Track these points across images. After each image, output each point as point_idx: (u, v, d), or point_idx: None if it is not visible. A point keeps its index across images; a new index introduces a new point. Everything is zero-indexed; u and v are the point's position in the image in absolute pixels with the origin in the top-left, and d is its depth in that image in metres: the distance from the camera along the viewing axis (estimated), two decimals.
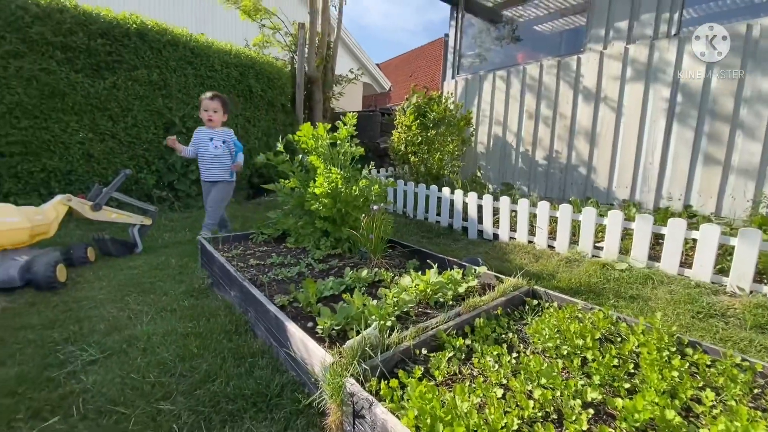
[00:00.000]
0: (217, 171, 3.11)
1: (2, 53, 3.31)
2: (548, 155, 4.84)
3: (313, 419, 1.25)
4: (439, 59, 14.70)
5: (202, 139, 3.08)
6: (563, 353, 1.38)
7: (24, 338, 1.64)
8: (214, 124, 3.08)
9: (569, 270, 2.80)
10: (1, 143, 3.38)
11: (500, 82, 5.31)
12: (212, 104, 3.03)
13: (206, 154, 3.08)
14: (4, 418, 1.20)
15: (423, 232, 3.90)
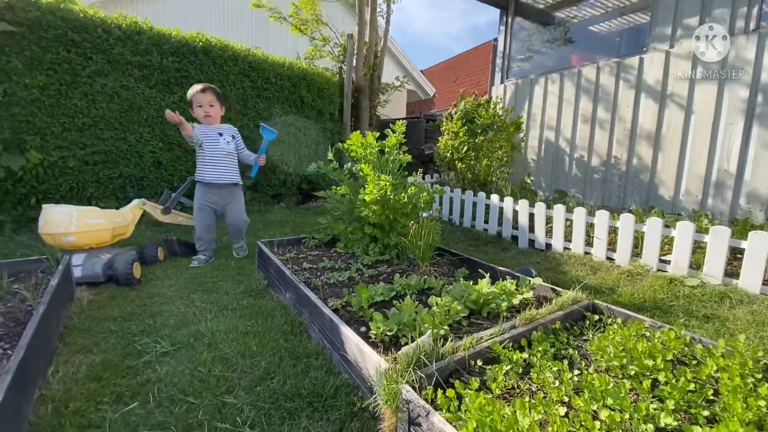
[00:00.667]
0: (232, 171, 2.82)
1: (90, 72, 3.72)
2: (605, 161, 4.58)
3: (368, 423, 1.27)
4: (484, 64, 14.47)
5: (208, 134, 2.73)
6: (630, 373, 1.29)
7: (107, 329, 1.82)
8: (213, 119, 2.72)
9: (631, 284, 2.62)
10: (87, 153, 3.78)
11: (553, 86, 5.12)
12: (206, 97, 2.67)
13: (217, 150, 2.73)
14: (92, 400, 1.33)
15: (470, 240, 3.83)
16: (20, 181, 3.42)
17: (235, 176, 2.84)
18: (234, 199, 2.88)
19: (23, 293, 1.75)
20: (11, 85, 3.30)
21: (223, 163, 2.76)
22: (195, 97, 2.67)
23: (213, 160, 2.73)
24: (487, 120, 4.73)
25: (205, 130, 2.71)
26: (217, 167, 2.75)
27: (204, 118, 2.68)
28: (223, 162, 2.76)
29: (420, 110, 14.83)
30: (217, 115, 2.74)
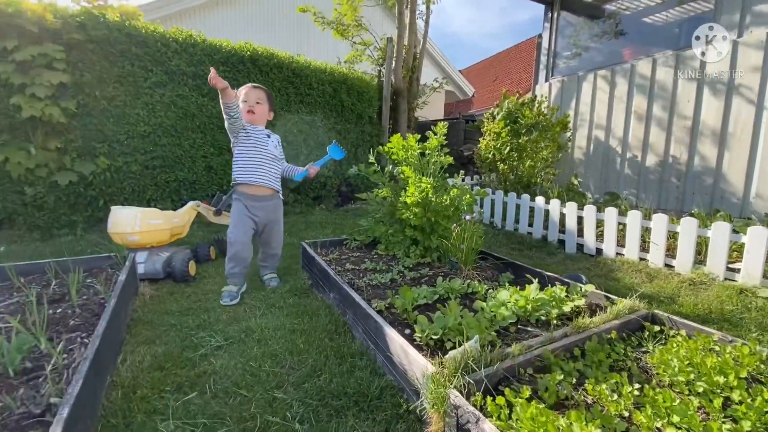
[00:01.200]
0: (276, 181, 2.44)
1: (150, 84, 4.01)
2: (662, 161, 4.28)
3: (413, 425, 1.27)
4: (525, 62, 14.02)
5: (254, 133, 2.34)
6: (698, 390, 1.20)
7: (167, 322, 1.95)
8: (256, 118, 2.35)
9: (694, 294, 2.42)
10: (147, 158, 4.07)
11: (603, 82, 4.86)
12: (255, 93, 2.35)
13: (264, 152, 2.35)
14: (156, 388, 1.43)
15: (513, 244, 3.72)
16: (90, 184, 3.75)
17: (278, 186, 2.46)
18: (278, 216, 2.49)
19: (96, 287, 1.92)
20: (84, 98, 3.63)
21: (271, 168, 2.38)
22: (243, 92, 2.35)
23: (259, 161, 2.32)
24: (531, 120, 4.58)
25: (251, 129, 2.33)
26: (263, 168, 2.34)
27: (247, 113, 2.30)
28: (270, 166, 2.37)
29: (458, 111, 14.63)
30: (262, 116, 2.37)
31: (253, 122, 2.36)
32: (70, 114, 3.54)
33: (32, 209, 3.53)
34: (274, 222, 2.47)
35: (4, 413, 1.04)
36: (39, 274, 2.10)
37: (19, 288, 1.89)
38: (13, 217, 3.51)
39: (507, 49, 16.39)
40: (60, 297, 1.80)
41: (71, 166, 3.59)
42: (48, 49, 3.33)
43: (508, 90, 5.11)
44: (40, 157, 3.41)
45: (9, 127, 3.33)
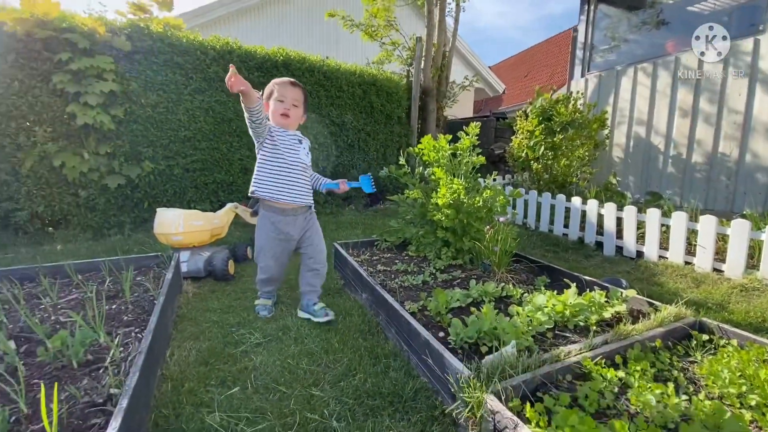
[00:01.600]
0: (309, 194, 2.06)
1: (191, 90, 4.20)
2: (710, 158, 4.04)
3: (449, 428, 1.27)
4: (558, 56, 13.57)
5: (286, 139, 1.97)
6: (750, 403, 1.14)
7: (209, 319, 2.05)
8: (290, 122, 1.99)
9: (746, 301, 2.28)
10: (188, 161, 4.27)
11: (644, 76, 4.64)
12: (293, 92, 1.96)
13: (296, 161, 1.98)
14: (202, 382, 1.51)
15: (548, 246, 3.63)
16: (136, 187, 3.98)
17: (311, 197, 2.08)
18: (313, 226, 2.10)
19: (146, 285, 2.05)
20: (131, 105, 3.85)
21: (302, 179, 2.00)
22: (279, 88, 1.94)
23: (288, 174, 1.95)
24: (567, 117, 4.44)
25: (282, 133, 1.95)
26: (294, 183, 1.96)
27: (280, 116, 1.93)
28: (301, 177, 1.99)
29: (488, 108, 14.37)
30: (296, 120, 2.01)
31: (285, 126, 1.96)
32: (118, 121, 3.77)
33: (85, 210, 3.79)
34: (311, 230, 2.09)
35: (70, 402, 1.14)
36: (94, 271, 2.26)
37: (77, 284, 2.04)
38: (68, 218, 3.78)
39: (539, 44, 15.93)
40: (114, 294, 1.93)
41: (119, 169, 3.82)
42: (99, 60, 3.56)
43: (542, 87, 4.98)
44: (92, 161, 3.65)
45: (65, 134, 3.59)
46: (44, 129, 3.47)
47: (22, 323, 1.57)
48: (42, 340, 1.40)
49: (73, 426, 1.04)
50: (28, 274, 2.11)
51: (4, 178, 3.42)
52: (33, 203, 3.56)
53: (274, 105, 1.95)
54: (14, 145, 3.42)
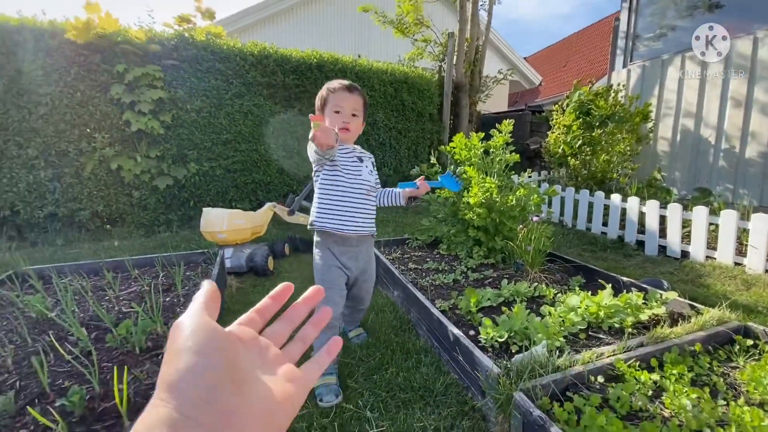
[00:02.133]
0: (373, 216, 1.72)
1: (231, 95, 4.42)
2: (765, 152, 3.76)
3: (478, 423, 1.31)
4: (599, 44, 12.93)
5: (345, 158, 1.65)
6: None
7: None
8: (351, 136, 1.66)
9: None
10: (229, 162, 4.51)
11: (692, 65, 4.37)
12: (351, 100, 1.61)
13: (358, 184, 1.65)
14: None
15: (585, 245, 3.53)
16: (183, 187, 4.26)
17: (373, 224, 1.72)
18: (371, 262, 1.77)
19: (195, 279, 2.21)
20: (177, 111, 4.12)
21: (367, 206, 1.67)
22: (334, 97, 1.60)
23: (352, 201, 1.62)
24: (606, 110, 4.27)
25: (340, 152, 1.63)
26: (358, 210, 1.64)
27: (339, 131, 1.53)
28: (366, 204, 1.67)
29: (524, 101, 13.96)
30: (356, 132, 1.67)
31: (344, 141, 1.63)
32: (166, 126, 4.05)
33: (138, 209, 4.11)
34: (368, 272, 1.75)
35: (135, 383, 1.28)
36: (149, 266, 2.46)
37: (135, 278, 2.24)
38: (123, 216, 4.11)
39: (578, 32, 15.26)
40: (167, 287, 2.11)
41: (168, 171, 4.10)
42: (149, 69, 3.84)
43: (580, 80, 4.81)
44: (144, 164, 3.95)
45: (121, 139, 3.90)
46: (102, 135, 3.79)
47: (91, 312, 1.76)
48: (109, 328, 1.57)
49: (139, 404, 1.18)
50: (94, 268, 2.34)
51: (69, 181, 3.77)
52: (93, 203, 3.90)
53: (329, 118, 1.59)
54: (77, 150, 3.75)
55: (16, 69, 3.44)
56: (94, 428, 1.09)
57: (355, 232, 1.62)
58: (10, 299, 1.88)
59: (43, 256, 3.19)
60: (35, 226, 3.77)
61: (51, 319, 1.71)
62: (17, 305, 1.80)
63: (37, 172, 3.63)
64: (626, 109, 4.32)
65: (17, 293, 1.91)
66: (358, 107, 1.62)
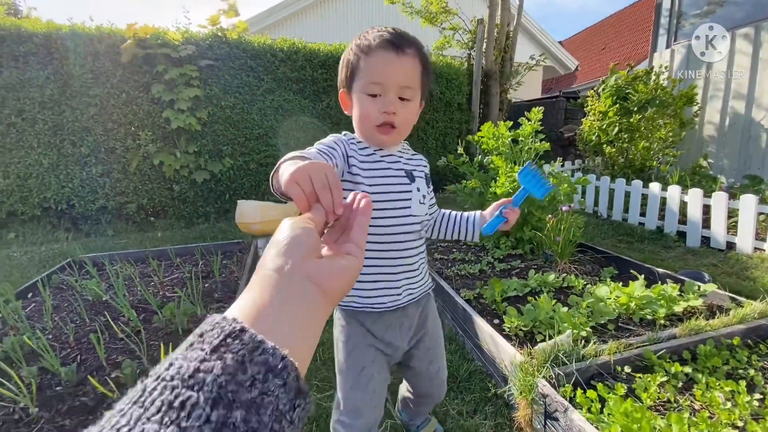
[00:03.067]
0: (424, 268, 1.01)
1: (263, 91, 4.56)
2: None
3: (501, 409, 1.33)
4: (642, 24, 12.16)
5: (379, 176, 0.89)
6: None
7: None
8: (398, 137, 0.89)
9: None
10: (261, 156, 4.67)
11: (743, 43, 4.05)
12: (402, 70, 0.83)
13: (404, 222, 0.91)
14: None
15: (620, 236, 3.40)
16: (219, 181, 4.46)
17: (428, 276, 1.05)
18: (436, 322, 1.09)
19: (231, 267, 2.34)
20: (212, 108, 4.30)
21: (416, 255, 0.97)
22: (370, 65, 0.83)
23: (394, 249, 0.92)
24: (646, 95, 4.05)
25: (370, 162, 0.90)
26: (404, 268, 0.94)
27: (376, 130, 0.86)
28: (415, 251, 0.96)
29: (558, 88, 13.42)
30: (408, 126, 0.89)
31: (383, 145, 0.92)
32: (203, 123, 4.24)
33: (178, 202, 4.35)
34: (430, 343, 1.05)
35: None
36: (189, 255, 2.63)
37: (177, 266, 2.40)
38: (165, 209, 4.37)
39: (618, 12, 14.42)
40: (206, 274, 2.25)
41: (205, 166, 4.31)
42: (186, 69, 4.02)
43: (617, 63, 4.58)
44: (183, 159, 4.17)
45: (162, 136, 4.13)
46: (146, 133, 4.03)
47: (139, 296, 1.91)
48: (155, 311, 1.70)
49: None
50: (141, 256, 2.53)
51: (117, 177, 4.05)
52: (139, 197, 4.17)
53: (362, 102, 0.86)
54: (123, 148, 4.02)
55: (68, 73, 3.71)
56: None
57: (395, 305, 0.92)
58: (70, 283, 2.07)
59: (95, 245, 3.47)
60: (88, 219, 4.08)
61: (105, 302, 1.87)
62: (76, 289, 1.99)
63: (89, 168, 3.93)
64: (669, 93, 4.08)
65: (75, 278, 2.10)
66: (412, 79, 0.85)
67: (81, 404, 1.18)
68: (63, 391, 1.24)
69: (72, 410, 1.16)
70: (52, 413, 1.15)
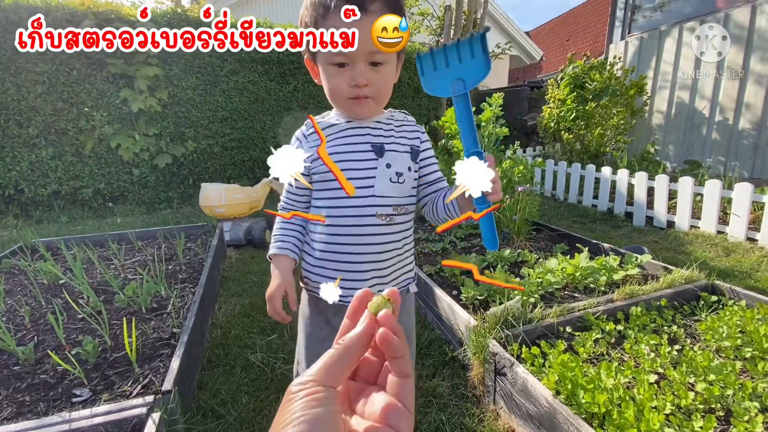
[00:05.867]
0: (404, 259, 0.90)
1: (226, 72, 4.42)
2: (759, 123, 3.78)
3: (457, 371, 1.43)
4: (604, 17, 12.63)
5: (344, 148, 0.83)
6: (745, 355, 1.20)
7: (250, 280, 2.31)
8: (373, 109, 0.82)
9: None
10: (225, 140, 4.55)
11: (690, 36, 4.33)
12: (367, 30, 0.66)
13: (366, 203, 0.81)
14: (246, 330, 1.76)
15: (575, 217, 3.61)
16: (182, 165, 4.33)
17: (411, 266, 0.95)
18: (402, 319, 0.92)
19: (195, 249, 2.32)
20: (173, 89, 4.14)
21: (386, 240, 0.84)
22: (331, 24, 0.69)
23: (358, 233, 0.82)
24: (602, 84, 4.27)
25: (339, 140, 0.83)
26: (370, 254, 0.83)
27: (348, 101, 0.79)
28: (383, 234, 0.83)
29: (525, 78, 13.77)
30: (383, 96, 0.81)
31: (365, 116, 0.84)
32: (163, 104, 4.08)
33: (138, 187, 4.19)
34: None
35: (143, 337, 1.39)
36: (151, 239, 2.57)
37: (139, 249, 2.35)
38: (125, 194, 4.20)
39: (582, 4, 14.87)
40: (170, 257, 2.21)
41: (166, 149, 4.16)
42: None
43: (574, 53, 4.78)
44: (143, 142, 4.00)
45: (119, 117, 3.94)
46: (101, 113, 3.83)
47: (99, 279, 1.87)
48: (117, 292, 1.68)
49: (147, 354, 1.29)
50: (99, 240, 2.45)
51: (71, 160, 3.84)
52: (95, 181, 3.98)
53: (329, 74, 0.78)
54: (76, 129, 3.81)
55: (11, 48, 3.45)
56: (106, 373, 1.21)
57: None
58: (22, 267, 1.99)
59: (48, 232, 3.30)
60: (40, 204, 3.86)
61: (62, 285, 1.82)
62: (29, 273, 1.91)
63: (38, 150, 3.70)
64: (621, 82, 4.32)
65: (28, 262, 2.01)
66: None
67: (41, 381, 1.17)
68: (21, 370, 1.22)
69: (32, 387, 1.15)
70: (11, 391, 1.13)
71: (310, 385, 0.26)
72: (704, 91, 4.24)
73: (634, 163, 4.10)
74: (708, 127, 4.22)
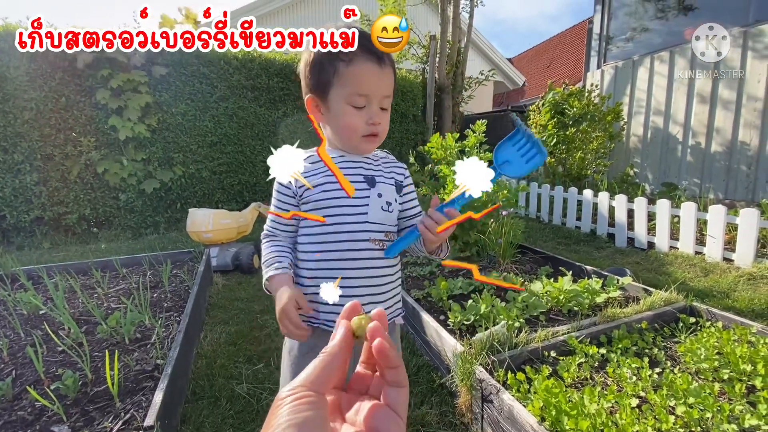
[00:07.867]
0: (392, 289, 0.92)
1: (216, 98, 4.49)
2: (730, 147, 3.97)
3: (445, 398, 1.43)
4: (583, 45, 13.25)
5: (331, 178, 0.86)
6: (723, 377, 1.24)
7: (237, 307, 2.28)
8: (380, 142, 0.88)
9: (752, 289, 2.31)
10: (215, 164, 4.57)
11: (661, 65, 4.58)
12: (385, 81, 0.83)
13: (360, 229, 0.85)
14: (231, 359, 1.73)
15: (559, 239, 3.69)
16: (169, 190, 4.31)
17: (397, 298, 0.96)
18: None
19: (181, 276, 2.30)
20: (163, 115, 4.17)
21: (381, 265, 0.88)
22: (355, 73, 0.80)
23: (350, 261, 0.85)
24: (581, 110, 4.46)
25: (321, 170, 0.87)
26: (366, 278, 0.87)
27: (362, 140, 0.85)
28: (378, 259, 0.87)
29: (508, 102, 14.22)
30: (387, 130, 0.89)
31: (369, 152, 0.93)
32: (152, 129, 4.10)
33: (125, 212, 4.15)
34: None
35: (125, 369, 1.37)
36: (137, 265, 2.54)
37: (123, 276, 2.32)
38: (110, 219, 4.15)
39: (562, 32, 15.59)
40: (155, 284, 2.19)
41: (154, 174, 4.16)
42: (134, 75, 3.89)
43: (554, 81, 4.99)
44: (130, 167, 3.99)
45: (106, 143, 3.94)
46: (88, 139, 3.83)
47: (81, 308, 1.83)
48: (99, 322, 1.65)
49: (129, 388, 1.27)
50: (82, 267, 2.41)
51: (55, 185, 3.80)
52: (80, 207, 3.94)
53: (346, 113, 0.83)
54: (63, 155, 3.79)
55: (1, 75, 3.46)
56: (86, 409, 1.18)
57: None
58: (1, 297, 1.94)
59: (30, 259, 3.23)
60: (21, 230, 3.79)
61: (42, 315, 1.78)
62: (8, 303, 1.87)
63: (23, 176, 3.66)
64: (599, 109, 4.51)
65: (8, 292, 1.97)
66: (391, 89, 0.86)
67: (18, 418, 1.13)
68: None
69: (8, 424, 1.11)
70: None
71: (298, 390, 0.27)
72: (677, 117, 4.45)
73: (614, 185, 4.24)
74: (682, 151, 4.41)
